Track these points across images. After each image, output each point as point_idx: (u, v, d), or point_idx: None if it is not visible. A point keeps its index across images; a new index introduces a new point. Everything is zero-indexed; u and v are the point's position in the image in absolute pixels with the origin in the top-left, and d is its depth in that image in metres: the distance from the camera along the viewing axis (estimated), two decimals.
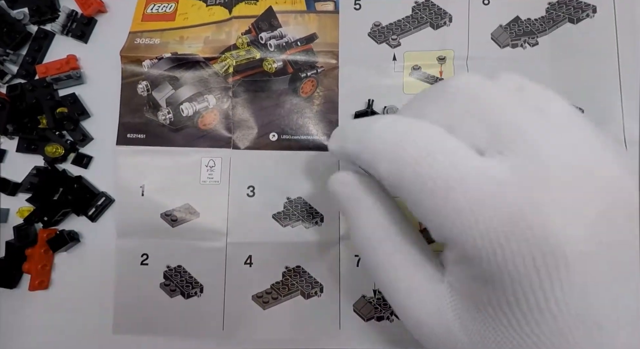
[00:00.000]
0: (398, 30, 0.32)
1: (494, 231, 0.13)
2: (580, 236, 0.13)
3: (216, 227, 0.31)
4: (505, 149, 0.14)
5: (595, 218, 0.13)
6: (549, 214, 0.13)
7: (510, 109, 0.14)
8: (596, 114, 0.31)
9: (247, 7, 0.33)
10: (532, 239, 0.13)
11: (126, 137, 0.32)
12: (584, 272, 0.13)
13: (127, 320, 0.31)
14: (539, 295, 0.13)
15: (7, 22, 0.33)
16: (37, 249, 0.31)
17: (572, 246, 0.13)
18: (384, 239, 0.17)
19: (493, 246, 0.13)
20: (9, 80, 0.34)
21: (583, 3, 0.32)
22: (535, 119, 0.14)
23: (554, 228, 0.13)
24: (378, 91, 0.32)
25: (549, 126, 0.14)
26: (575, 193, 0.13)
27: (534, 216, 0.13)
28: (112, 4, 0.34)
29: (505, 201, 0.13)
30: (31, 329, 0.32)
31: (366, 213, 0.18)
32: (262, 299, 0.31)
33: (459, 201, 0.14)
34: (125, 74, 0.32)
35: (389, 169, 0.15)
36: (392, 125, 0.16)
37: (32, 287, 0.31)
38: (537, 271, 0.13)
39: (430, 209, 0.14)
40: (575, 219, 0.13)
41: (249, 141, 0.32)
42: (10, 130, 0.32)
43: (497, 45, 0.32)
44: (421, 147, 0.14)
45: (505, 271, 0.13)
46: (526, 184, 0.13)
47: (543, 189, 0.13)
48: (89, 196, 0.32)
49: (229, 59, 0.32)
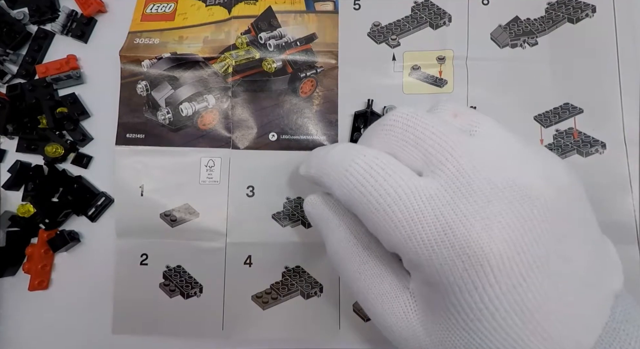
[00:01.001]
0: (397, 30, 0.32)
1: (428, 241, 0.15)
2: (499, 239, 0.14)
3: (216, 227, 0.31)
4: (437, 170, 0.16)
5: (514, 223, 0.15)
6: (472, 223, 0.15)
7: (439, 135, 0.16)
8: (596, 113, 0.31)
9: (246, 7, 0.33)
10: (458, 245, 0.15)
11: (125, 137, 0.32)
12: (507, 270, 0.14)
13: (127, 320, 0.31)
14: (474, 295, 0.15)
15: (7, 22, 0.33)
16: (37, 249, 0.31)
17: (492, 247, 0.14)
18: (353, 253, 0.20)
19: (429, 254, 0.15)
20: (9, 80, 0.34)
21: (582, 3, 0.32)
22: (462, 141, 0.16)
23: (475, 235, 0.14)
24: (377, 91, 0.32)
25: (475, 145, 0.16)
26: (495, 203, 0.15)
27: (459, 225, 0.15)
28: (112, 4, 0.34)
29: (436, 214, 0.15)
30: (31, 330, 0.32)
31: (334, 231, 0.20)
32: (261, 299, 0.31)
33: (398, 216, 0.16)
34: (124, 74, 0.32)
35: (342, 192, 0.18)
36: (343, 152, 0.18)
37: (32, 287, 0.31)
38: (467, 274, 0.15)
39: (376, 224, 0.17)
40: (494, 225, 0.15)
41: (248, 141, 0.32)
42: (10, 130, 0.32)
43: (496, 45, 0.32)
44: (366, 171, 0.17)
45: (443, 276, 0.15)
46: (453, 198, 0.15)
47: (467, 202, 0.15)
48: (88, 196, 0.32)
49: (229, 59, 0.32)
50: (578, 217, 0.16)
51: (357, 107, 0.32)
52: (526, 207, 0.15)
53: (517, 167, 0.16)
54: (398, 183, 0.16)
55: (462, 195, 0.15)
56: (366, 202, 0.17)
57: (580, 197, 0.17)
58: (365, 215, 0.17)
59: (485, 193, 0.15)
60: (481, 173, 0.15)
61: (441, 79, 0.32)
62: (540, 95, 0.31)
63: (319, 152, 0.20)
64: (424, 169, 0.16)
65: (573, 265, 0.15)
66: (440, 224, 0.15)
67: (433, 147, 0.16)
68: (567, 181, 0.16)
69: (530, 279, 0.14)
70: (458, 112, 0.18)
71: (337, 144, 0.19)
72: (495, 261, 0.14)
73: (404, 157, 0.17)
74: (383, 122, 0.18)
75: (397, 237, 0.16)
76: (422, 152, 0.17)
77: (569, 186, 0.16)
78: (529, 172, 0.16)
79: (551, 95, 0.31)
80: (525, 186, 0.15)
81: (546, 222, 0.15)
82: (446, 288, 0.15)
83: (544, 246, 0.15)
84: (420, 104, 0.32)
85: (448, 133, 0.16)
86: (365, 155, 0.17)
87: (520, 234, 0.14)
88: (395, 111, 0.18)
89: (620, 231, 0.29)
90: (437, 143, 0.16)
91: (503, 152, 0.16)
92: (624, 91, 0.30)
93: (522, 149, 0.17)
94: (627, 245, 0.29)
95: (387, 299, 0.18)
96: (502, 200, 0.15)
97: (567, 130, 0.31)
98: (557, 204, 0.15)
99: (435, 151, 0.16)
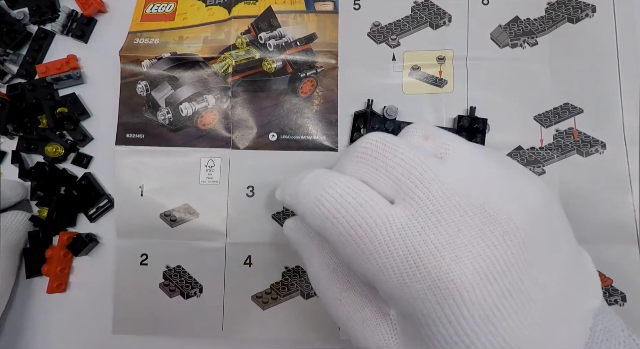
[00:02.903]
0: (397, 30, 0.32)
1: (400, 273, 0.15)
2: (470, 270, 0.14)
3: (216, 227, 0.31)
4: (407, 198, 0.16)
5: (485, 251, 0.14)
6: (442, 254, 0.14)
7: (409, 162, 0.16)
8: (596, 113, 0.31)
9: (246, 7, 0.33)
10: (430, 278, 0.14)
11: (125, 137, 0.32)
12: (480, 301, 0.14)
13: (127, 320, 0.31)
14: (449, 329, 0.14)
15: (7, 22, 0.33)
16: (57, 251, 0.31)
17: (463, 280, 0.14)
18: (332, 280, 0.19)
19: (402, 287, 0.15)
20: (9, 80, 0.34)
21: (582, 3, 0.31)
22: (432, 166, 0.16)
23: (446, 267, 0.14)
24: (377, 91, 0.32)
25: (445, 170, 0.16)
26: (465, 231, 0.15)
27: (430, 257, 0.15)
28: (112, 4, 0.34)
29: (407, 245, 0.15)
30: (30, 330, 0.32)
31: (313, 257, 0.20)
32: (261, 299, 0.31)
33: (369, 249, 0.16)
34: (124, 74, 0.32)
35: (314, 223, 0.17)
36: (315, 180, 0.18)
37: (50, 290, 0.31)
38: (440, 307, 0.14)
39: (348, 256, 0.16)
40: (465, 255, 0.14)
41: (248, 141, 0.32)
42: (10, 130, 0.32)
43: (496, 45, 0.32)
44: (337, 202, 0.16)
45: (417, 310, 0.15)
46: (424, 228, 0.15)
47: (437, 231, 0.15)
48: (94, 194, 0.32)
49: (228, 59, 0.32)
50: (549, 239, 0.16)
51: (357, 107, 0.32)
52: (497, 233, 0.15)
53: (487, 191, 0.15)
54: (369, 213, 0.16)
55: (433, 224, 0.15)
56: (338, 234, 0.16)
57: (554, 213, 0.17)
58: (337, 246, 0.17)
59: (455, 221, 0.15)
60: (451, 200, 0.15)
61: (441, 79, 0.32)
62: (540, 95, 0.31)
63: (293, 179, 0.19)
64: (396, 196, 0.16)
65: (546, 289, 0.15)
66: (412, 256, 0.15)
67: (403, 174, 0.16)
68: (538, 201, 0.16)
69: (504, 308, 0.14)
70: (428, 135, 0.18)
71: (310, 171, 0.19)
72: (467, 294, 0.14)
73: (375, 184, 0.17)
74: (354, 149, 0.18)
75: (369, 270, 0.16)
76: (392, 180, 0.16)
77: (540, 206, 0.16)
78: (499, 196, 0.15)
79: (551, 95, 0.31)
80: (495, 211, 0.15)
81: (517, 247, 0.15)
82: (420, 320, 0.15)
83: (516, 273, 0.14)
84: (420, 104, 0.32)
85: (418, 159, 0.16)
86: (337, 184, 0.17)
87: (492, 263, 0.14)
88: (366, 137, 0.18)
89: (620, 231, 0.29)
90: (407, 170, 0.16)
91: (473, 176, 0.16)
92: (624, 91, 0.30)
93: (493, 170, 0.16)
94: (627, 245, 0.29)
95: (368, 327, 0.18)
96: (472, 228, 0.15)
97: (567, 130, 0.31)
98: (528, 227, 0.15)
99: (405, 179, 0.16)
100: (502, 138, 0.31)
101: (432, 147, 0.17)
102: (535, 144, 0.31)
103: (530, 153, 0.31)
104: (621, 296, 0.29)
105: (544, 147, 0.31)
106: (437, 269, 0.14)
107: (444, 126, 0.31)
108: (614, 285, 0.29)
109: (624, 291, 0.29)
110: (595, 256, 0.31)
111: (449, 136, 0.18)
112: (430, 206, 0.15)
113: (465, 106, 0.31)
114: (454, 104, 0.31)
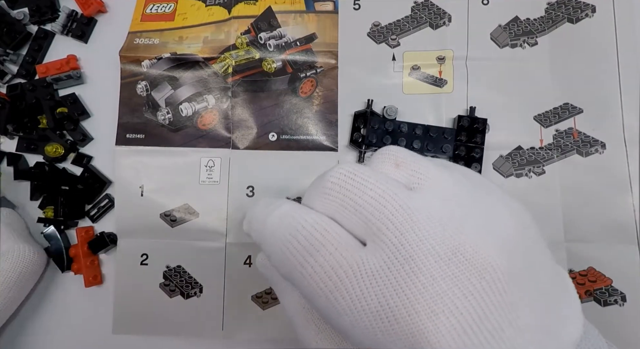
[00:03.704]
0: (397, 30, 0.32)
1: (372, 329, 0.14)
2: (447, 328, 0.13)
3: (215, 227, 0.31)
4: (378, 240, 0.15)
5: (462, 303, 0.13)
6: (416, 309, 0.13)
7: (378, 199, 0.15)
8: (596, 113, 0.31)
9: (246, 7, 0.33)
10: (404, 336, 0.13)
11: (125, 137, 0.32)
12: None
13: (127, 320, 0.31)
14: None
15: (7, 22, 0.33)
16: (79, 248, 0.31)
17: (439, 339, 0.13)
18: (308, 321, 0.18)
19: (376, 344, 0.14)
20: (9, 80, 0.34)
21: (582, 3, 0.32)
22: (403, 203, 0.15)
23: (421, 325, 0.13)
24: (377, 91, 0.32)
25: (417, 206, 0.15)
26: (440, 280, 0.14)
27: (403, 312, 0.14)
28: (112, 4, 0.34)
29: (379, 297, 0.14)
30: (30, 330, 0.32)
31: (288, 295, 0.19)
32: (261, 299, 0.31)
33: (340, 303, 0.15)
34: (124, 74, 0.32)
35: (282, 270, 0.16)
36: (282, 221, 0.16)
37: (88, 283, 0.31)
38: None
39: (318, 308, 0.15)
40: (440, 310, 0.13)
41: (248, 141, 0.32)
42: (10, 130, 0.32)
43: (496, 45, 0.32)
44: (305, 249, 0.15)
45: None
46: (396, 277, 0.14)
47: (410, 281, 0.14)
48: (98, 186, 0.32)
49: (228, 59, 0.32)
50: (528, 272, 0.15)
51: (357, 107, 0.32)
52: (473, 280, 0.14)
53: (461, 229, 0.15)
54: (339, 263, 0.15)
55: (406, 273, 0.14)
56: (307, 285, 0.15)
57: (530, 239, 0.16)
58: (306, 296, 0.16)
59: (429, 268, 0.14)
60: (424, 243, 0.14)
61: (441, 79, 0.32)
62: (540, 95, 0.31)
63: (259, 216, 0.18)
64: (366, 236, 0.15)
65: (528, 333, 0.14)
66: (385, 312, 0.14)
67: (372, 213, 0.15)
68: (512, 230, 0.15)
69: None
70: (400, 161, 0.17)
71: (277, 207, 0.17)
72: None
73: (345, 222, 0.16)
74: (323, 183, 0.17)
75: (341, 324, 0.15)
76: (361, 220, 0.15)
77: (515, 235, 0.15)
78: (474, 234, 0.14)
79: (551, 95, 0.31)
80: (470, 254, 0.14)
81: (496, 294, 0.14)
82: None
83: (496, 321, 0.14)
84: (420, 104, 0.32)
85: (387, 195, 0.15)
86: (304, 226, 0.16)
87: (470, 315, 0.13)
88: (334, 170, 0.16)
89: (620, 231, 0.29)
90: (376, 209, 0.15)
91: (447, 209, 0.15)
92: (624, 91, 0.30)
93: (466, 201, 0.16)
94: (627, 245, 0.29)
95: None
96: (447, 276, 0.14)
97: (567, 130, 0.31)
98: (505, 265, 0.14)
99: (375, 218, 0.15)
100: (502, 138, 0.31)
101: (404, 177, 0.16)
102: (535, 144, 0.31)
103: (530, 153, 0.31)
104: (621, 296, 0.29)
105: (543, 147, 0.31)
106: (411, 326, 0.13)
107: (444, 125, 0.31)
108: (614, 285, 0.29)
109: (623, 291, 0.29)
110: (595, 256, 0.31)
111: (421, 162, 0.17)
112: (403, 251, 0.14)
113: (465, 105, 0.31)
114: (454, 104, 0.31)
